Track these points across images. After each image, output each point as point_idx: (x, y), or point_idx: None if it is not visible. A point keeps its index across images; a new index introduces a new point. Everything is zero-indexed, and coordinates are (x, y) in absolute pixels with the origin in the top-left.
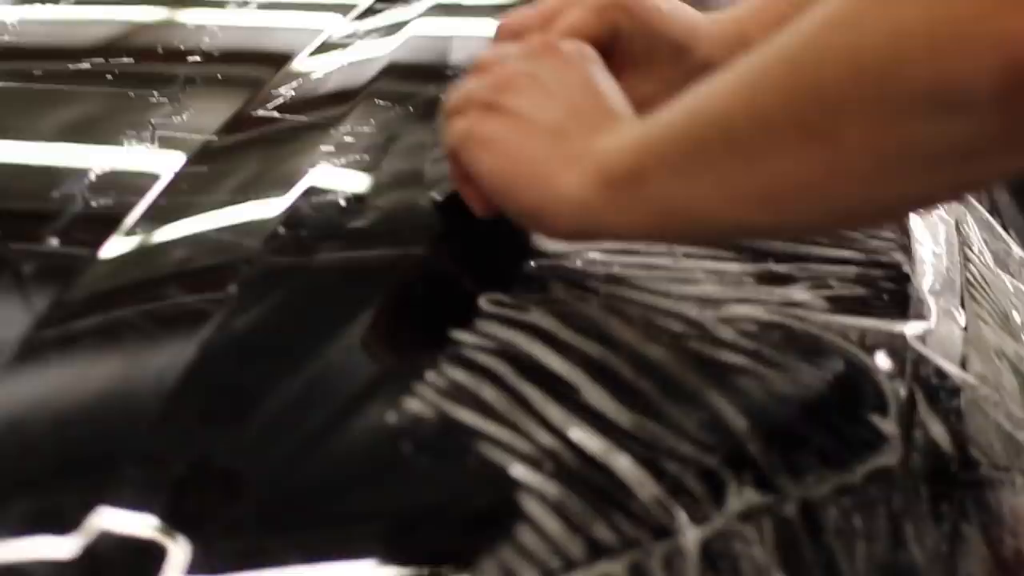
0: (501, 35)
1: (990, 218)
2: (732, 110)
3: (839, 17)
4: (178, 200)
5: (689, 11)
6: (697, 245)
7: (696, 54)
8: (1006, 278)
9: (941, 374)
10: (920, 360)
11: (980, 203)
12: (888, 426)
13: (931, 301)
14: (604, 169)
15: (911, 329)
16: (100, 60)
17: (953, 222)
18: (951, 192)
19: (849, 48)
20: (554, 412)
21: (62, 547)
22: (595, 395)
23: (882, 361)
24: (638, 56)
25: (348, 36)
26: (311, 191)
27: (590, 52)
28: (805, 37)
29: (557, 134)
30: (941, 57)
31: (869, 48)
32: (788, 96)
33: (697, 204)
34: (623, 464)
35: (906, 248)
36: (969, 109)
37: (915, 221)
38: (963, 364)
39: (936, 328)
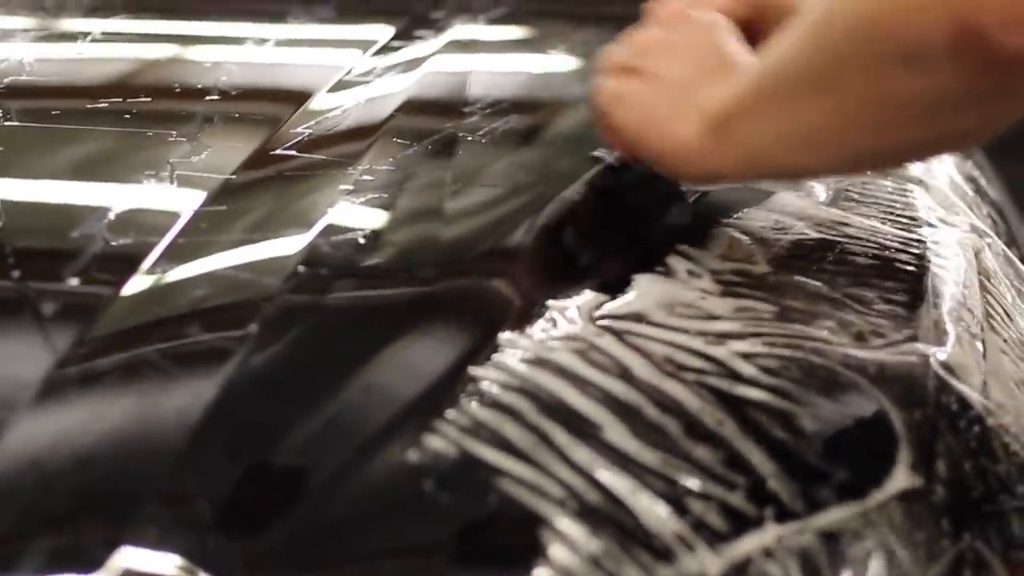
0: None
1: (1008, 250)
2: (779, 66)
3: None
4: (197, 239)
5: None
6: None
7: None
8: None
9: (962, 403)
10: (941, 389)
11: (999, 235)
12: (909, 457)
13: (951, 330)
14: (706, 117)
15: (932, 358)
16: (118, 99)
17: (973, 252)
18: (948, 142)
19: (850, 13)
20: (577, 450)
21: None
22: (617, 433)
23: (903, 392)
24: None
25: (366, 73)
26: (330, 229)
27: (720, 19)
28: (825, 6)
29: (684, 89)
30: (906, 21)
31: (863, 12)
32: (810, 55)
33: (763, 147)
34: (646, 502)
35: (926, 277)
36: (932, 65)
37: (935, 250)
38: (984, 393)
39: (956, 357)
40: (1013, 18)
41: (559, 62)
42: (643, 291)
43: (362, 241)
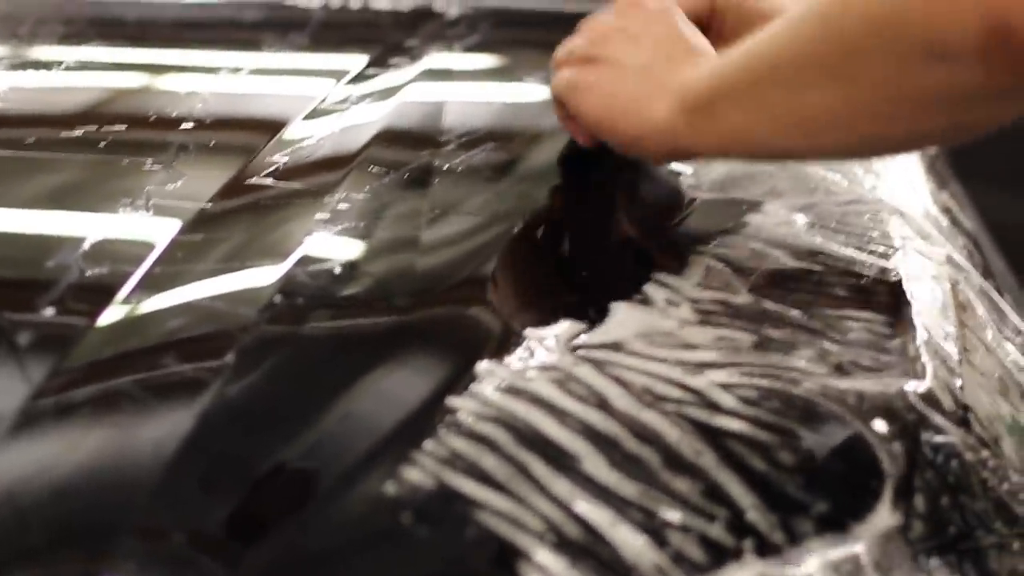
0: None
1: (985, 283)
2: (777, 51)
3: None
4: (173, 268)
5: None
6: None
7: None
8: (1003, 340)
9: (941, 437)
10: (919, 422)
11: (975, 267)
12: (887, 491)
13: (929, 363)
14: (685, 98)
15: (910, 392)
16: (92, 127)
17: (949, 284)
18: (953, 132)
19: (866, 4)
20: (555, 482)
21: None
22: (596, 464)
23: (881, 425)
24: (730, 30)
25: (341, 101)
26: (306, 259)
27: (670, 4)
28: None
29: (646, 72)
30: (935, 15)
31: (879, 4)
32: (819, 42)
33: (752, 129)
34: (625, 535)
35: (904, 308)
36: (957, 60)
37: (913, 284)
38: (962, 427)
39: (935, 390)
40: None
41: (534, 91)
42: (621, 320)
43: (338, 271)
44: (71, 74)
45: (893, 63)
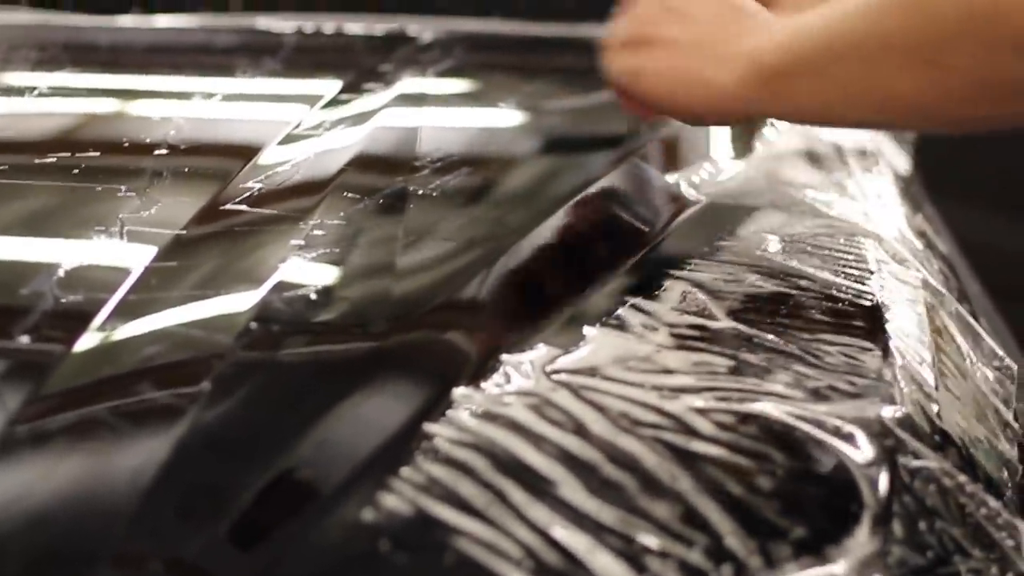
0: None
1: (960, 307)
2: (865, 29)
3: None
4: (148, 295)
5: None
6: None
7: None
8: (979, 364)
9: (917, 462)
10: (896, 448)
11: (950, 290)
12: (866, 516)
13: (906, 387)
14: (758, 66)
15: (887, 417)
16: (66, 154)
17: (925, 310)
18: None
19: None
20: (533, 508)
21: None
22: (573, 490)
23: (859, 450)
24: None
25: (315, 127)
26: (281, 285)
27: None
28: None
29: (704, 45)
30: None
31: None
32: (910, 26)
33: (831, 102)
34: (604, 561)
35: (880, 333)
36: None
37: (889, 308)
38: (939, 451)
39: (911, 416)
40: None
41: (509, 115)
42: (597, 345)
43: (314, 297)
44: (45, 100)
45: (984, 52)
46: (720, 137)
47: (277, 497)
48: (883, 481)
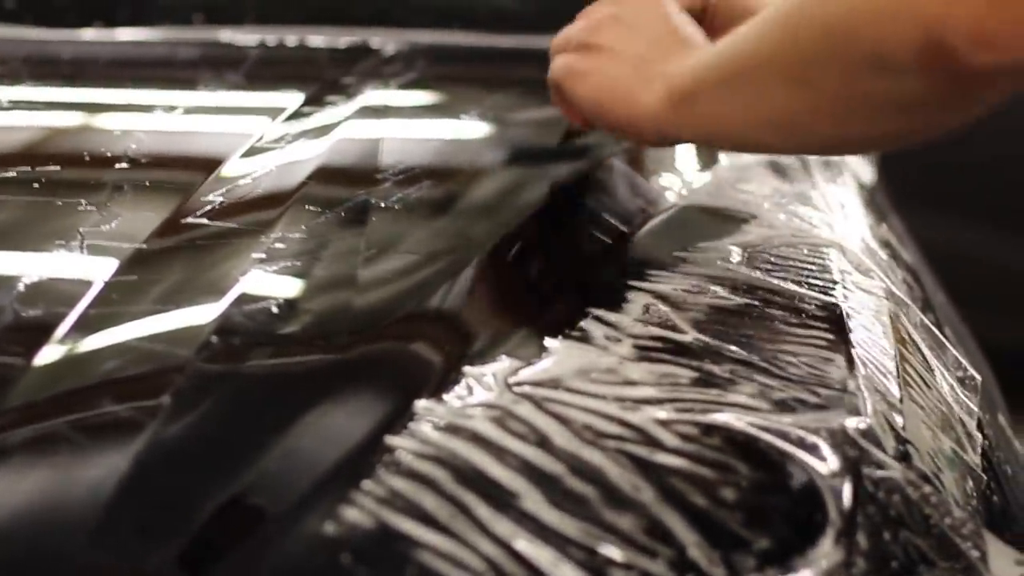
0: None
1: (924, 317)
2: (747, 51)
3: None
4: (109, 309)
5: None
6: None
7: None
8: (943, 374)
9: (882, 472)
10: (861, 459)
11: (914, 300)
12: (830, 526)
13: (870, 398)
14: (671, 89)
15: (851, 427)
16: (26, 167)
17: (889, 320)
18: (907, 136)
19: (822, 16)
20: (496, 521)
21: None
22: (536, 502)
23: (823, 460)
24: (720, 25)
25: (277, 140)
26: (243, 298)
27: None
28: (795, 3)
29: (639, 61)
30: (881, 29)
31: (833, 17)
32: (781, 50)
33: (728, 123)
34: (567, 573)
35: (844, 344)
36: (901, 72)
37: (853, 319)
38: (904, 462)
39: (875, 426)
40: (979, 37)
41: (471, 127)
42: (560, 357)
43: (275, 310)
44: (4, 113)
45: (846, 73)
46: (685, 148)
47: (238, 511)
48: (847, 491)
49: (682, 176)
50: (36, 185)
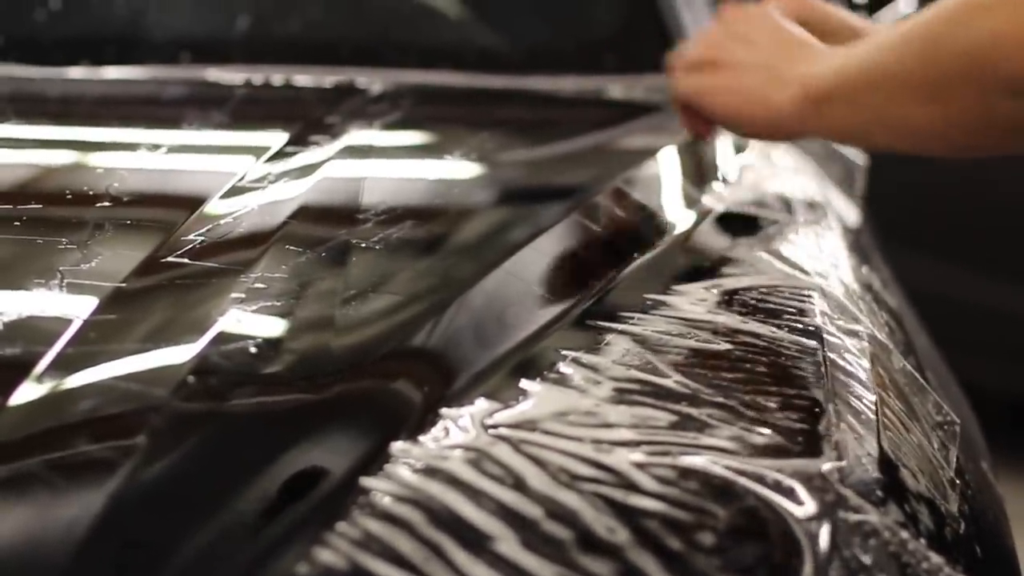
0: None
1: (906, 361)
2: (886, 64)
3: (957, 16)
4: (87, 348)
5: (860, 19)
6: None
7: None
8: (923, 419)
9: (859, 516)
10: (837, 503)
11: (896, 344)
12: (806, 571)
13: (848, 444)
14: (807, 89)
15: (828, 472)
16: (7, 205)
17: (870, 364)
18: None
19: (965, 40)
20: (470, 564)
21: None
22: (511, 545)
23: (800, 504)
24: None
25: (260, 179)
26: (221, 338)
27: (773, 9)
28: (936, 25)
29: (765, 69)
30: (1019, 60)
31: (976, 42)
32: (920, 67)
33: (863, 125)
34: None
35: (824, 388)
36: None
37: (833, 363)
38: (880, 507)
39: (854, 470)
40: None
41: (455, 168)
42: (538, 399)
43: (253, 350)
44: None
45: (983, 94)
46: (669, 188)
47: (212, 551)
48: (824, 536)
49: (666, 216)
50: (17, 223)
